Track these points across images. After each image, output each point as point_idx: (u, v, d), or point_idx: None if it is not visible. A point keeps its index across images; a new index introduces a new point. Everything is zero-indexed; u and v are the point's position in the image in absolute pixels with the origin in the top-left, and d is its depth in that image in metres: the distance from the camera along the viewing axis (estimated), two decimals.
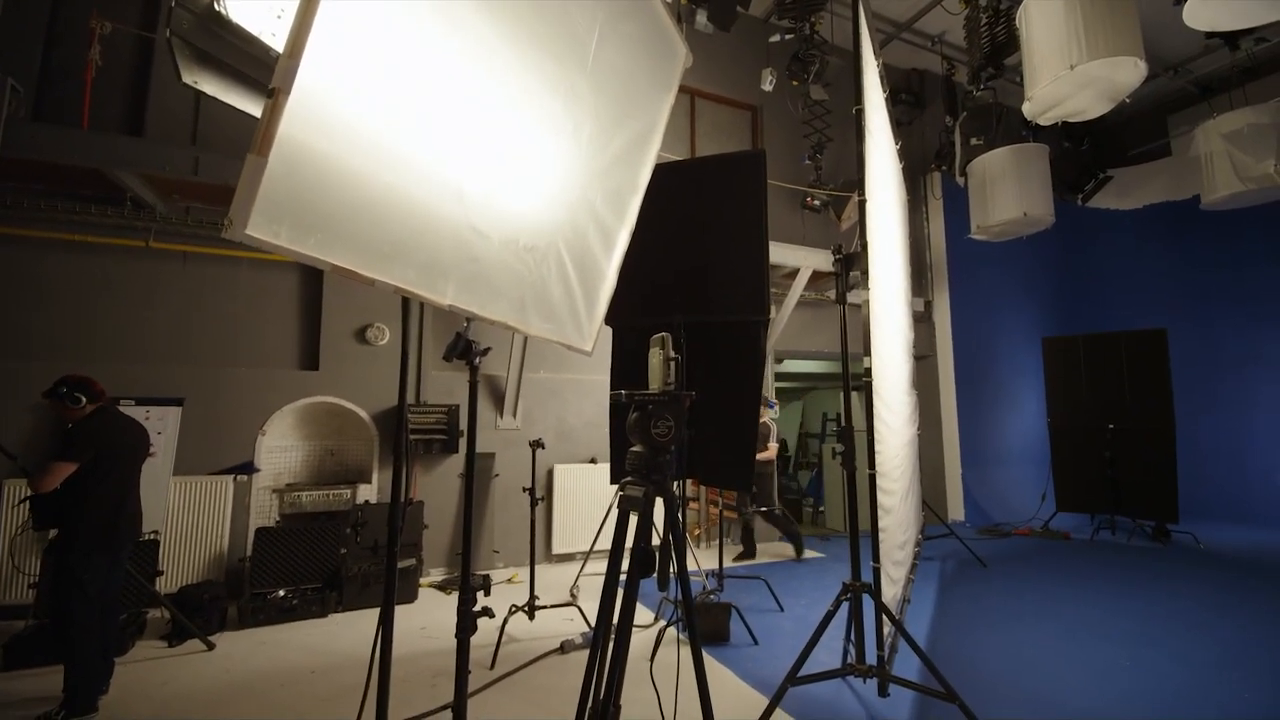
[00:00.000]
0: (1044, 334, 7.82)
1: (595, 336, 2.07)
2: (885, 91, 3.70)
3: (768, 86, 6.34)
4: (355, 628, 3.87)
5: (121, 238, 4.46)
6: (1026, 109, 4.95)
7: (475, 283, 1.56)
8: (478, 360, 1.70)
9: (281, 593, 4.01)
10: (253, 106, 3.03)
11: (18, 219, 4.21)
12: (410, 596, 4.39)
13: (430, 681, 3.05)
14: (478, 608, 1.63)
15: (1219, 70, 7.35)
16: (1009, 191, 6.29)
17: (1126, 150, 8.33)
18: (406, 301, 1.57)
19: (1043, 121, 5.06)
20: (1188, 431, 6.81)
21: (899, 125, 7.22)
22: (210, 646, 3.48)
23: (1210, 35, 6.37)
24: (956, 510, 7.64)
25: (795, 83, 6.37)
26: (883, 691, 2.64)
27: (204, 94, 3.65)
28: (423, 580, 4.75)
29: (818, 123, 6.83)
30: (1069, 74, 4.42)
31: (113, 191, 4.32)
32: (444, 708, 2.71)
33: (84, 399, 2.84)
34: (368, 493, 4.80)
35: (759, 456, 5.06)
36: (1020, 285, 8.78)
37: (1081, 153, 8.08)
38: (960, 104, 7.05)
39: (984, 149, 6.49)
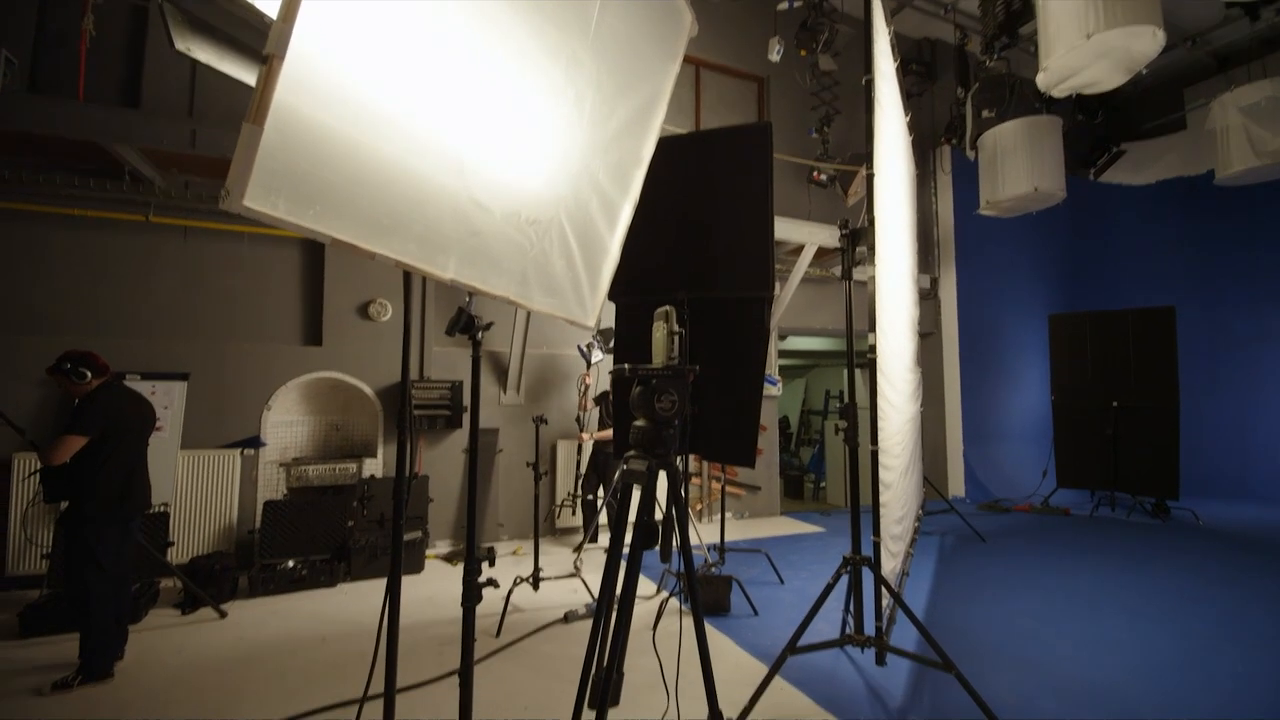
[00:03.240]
0: (1051, 311, 7.76)
1: (598, 311, 2.05)
2: (896, 61, 3.60)
3: (775, 57, 6.18)
4: (363, 597, 3.95)
5: (121, 212, 4.43)
6: (1041, 80, 4.83)
7: (477, 256, 1.54)
8: (480, 335, 1.70)
9: (290, 563, 4.08)
10: (247, 75, 2.97)
11: (16, 193, 4.18)
12: (417, 568, 4.47)
13: (437, 649, 3.11)
14: (482, 579, 1.66)
15: (1238, 41, 7.13)
16: (1020, 165, 6.17)
17: (1140, 124, 8.14)
18: (408, 276, 1.56)
19: (1057, 93, 4.93)
20: (1191, 409, 6.80)
21: (909, 97, 7.07)
22: (222, 614, 3.56)
23: (1230, 4, 6.18)
24: (957, 486, 7.70)
25: (803, 53, 6.22)
26: (880, 661, 2.69)
27: (199, 63, 3.60)
28: (429, 552, 4.82)
29: (826, 94, 6.68)
30: (1085, 43, 4.29)
31: (111, 165, 4.28)
32: (450, 674, 2.79)
33: (89, 374, 2.85)
34: (373, 467, 4.85)
35: (599, 435, 5.10)
36: (1028, 262, 8.68)
37: (1095, 126, 7.89)
38: (972, 75, 6.87)
39: (995, 122, 6.35)
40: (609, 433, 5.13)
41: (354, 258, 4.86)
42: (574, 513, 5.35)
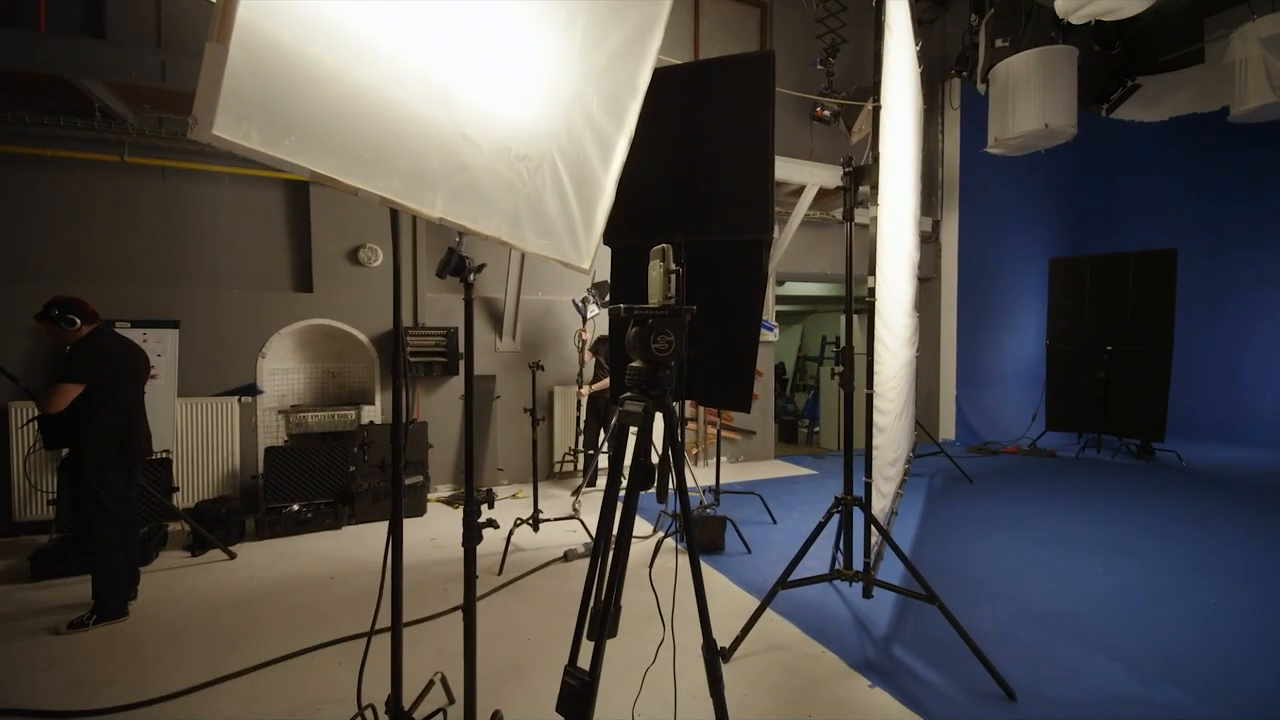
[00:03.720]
0: (1052, 255, 7.66)
1: (593, 254, 2.00)
2: None
3: None
4: (368, 538, 4.06)
5: (95, 152, 4.25)
6: (1059, 6, 4.58)
7: (466, 194, 1.48)
8: (472, 278, 1.65)
9: (296, 507, 4.17)
10: None
11: None
12: (419, 511, 4.57)
13: (442, 586, 3.23)
14: (482, 520, 1.69)
15: None
16: (1032, 100, 5.93)
17: (1157, 56, 7.78)
18: (396, 216, 1.50)
19: (1075, 20, 4.69)
20: (1183, 353, 6.84)
21: (920, 24, 6.71)
22: (231, 555, 3.66)
23: None
24: (948, 429, 7.83)
25: None
26: (867, 594, 2.80)
27: None
28: (430, 496, 4.93)
29: (832, 21, 6.33)
30: None
31: (80, 102, 4.07)
32: (455, 609, 2.90)
33: (78, 320, 2.81)
34: (372, 414, 4.88)
35: (596, 387, 5.16)
36: (1033, 204, 8.49)
37: (1111, 57, 7.55)
38: (987, 0, 6.50)
39: (1009, 52, 6.06)
40: (606, 382, 5.15)
41: (340, 200, 4.74)
42: (575, 467, 5.44)
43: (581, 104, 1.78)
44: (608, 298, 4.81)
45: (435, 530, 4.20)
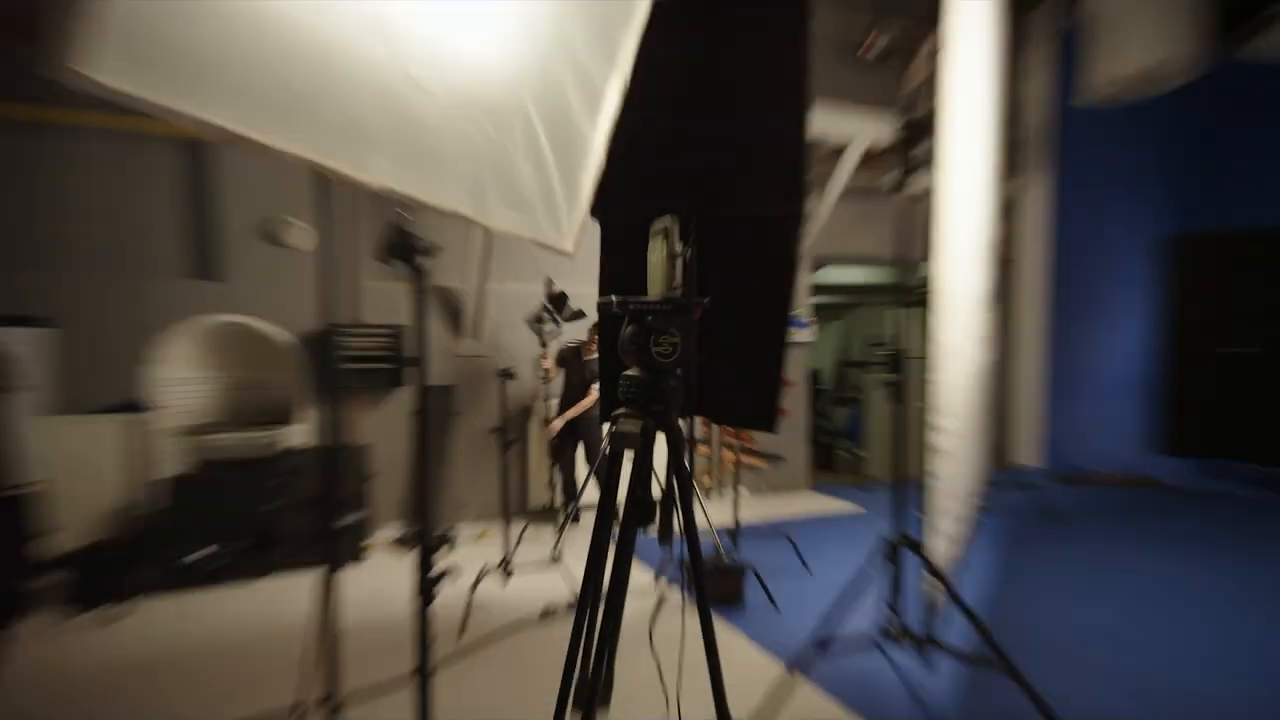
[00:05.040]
0: (1169, 231, 7.66)
1: (577, 232, 2.01)
2: None
3: None
4: (295, 592, 4.06)
5: None
6: None
7: (414, 155, 1.49)
8: (423, 262, 1.67)
9: (203, 553, 4.18)
10: None
11: None
12: (358, 556, 4.58)
13: (388, 653, 3.22)
14: (436, 571, 1.69)
15: None
16: (1144, 30, 5.90)
17: None
18: (327, 186, 1.51)
19: None
20: None
21: None
22: (116, 618, 3.67)
23: None
24: (1032, 454, 7.84)
25: None
26: (925, 660, 2.80)
27: None
28: (372, 540, 4.93)
29: None
30: None
31: None
32: (406, 680, 2.90)
33: None
34: (299, 435, 4.88)
35: (569, 415, 5.16)
36: (1144, 166, 8.48)
37: None
38: None
39: None
40: (587, 401, 5.14)
41: (253, 165, 4.75)
42: (553, 502, 5.41)
43: (561, 37, 1.79)
44: (565, 312, 4.67)
45: (379, 581, 4.20)
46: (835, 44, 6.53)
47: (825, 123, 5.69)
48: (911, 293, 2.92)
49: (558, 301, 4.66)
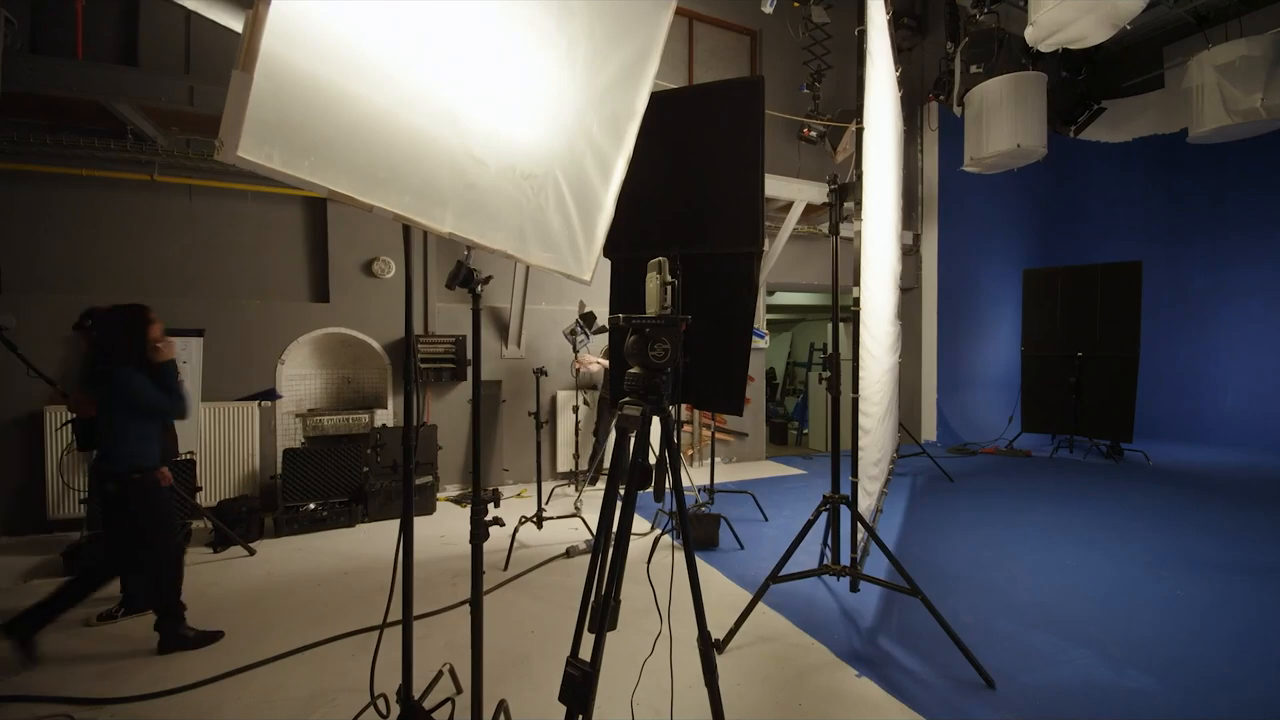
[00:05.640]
0: (1026, 266, 7.70)
1: (594, 266, 2.00)
2: (889, 13, 3.42)
3: (768, 8, 5.85)
4: (381, 536, 4.04)
5: (126, 171, 4.27)
6: (1029, 34, 4.62)
7: (473, 210, 1.48)
8: (479, 289, 1.65)
9: (312, 506, 4.15)
10: (236, 22, 2.79)
11: (24, 154, 4.03)
12: (429, 509, 4.55)
13: (451, 581, 3.21)
14: (489, 517, 1.68)
15: (1218, 0, 6.80)
16: (1005, 122, 5.97)
17: (1121, 81, 7.85)
18: (408, 232, 1.50)
19: (1044, 48, 4.73)
20: (1149, 359, 6.86)
21: (900, 51, 6.76)
22: (251, 552, 3.64)
23: None
24: (930, 431, 7.83)
25: (796, 4, 5.89)
26: (854, 588, 2.79)
27: (193, 17, 3.35)
28: (440, 495, 4.91)
29: (818, 48, 6.38)
30: None
31: (113, 125, 4.10)
32: (462, 603, 2.88)
33: None
34: (384, 417, 4.87)
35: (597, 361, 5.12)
36: (1007, 218, 8.55)
37: (1078, 83, 7.61)
38: (962, 29, 6.56)
39: (983, 77, 6.10)
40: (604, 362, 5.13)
41: (356, 216, 4.75)
42: (575, 466, 5.34)
43: (583, 126, 1.79)
44: (594, 326, 4.72)
45: (444, 528, 4.18)
46: (784, 129, 6.53)
47: (776, 186, 5.68)
48: (843, 311, 2.91)
49: (588, 319, 4.72)
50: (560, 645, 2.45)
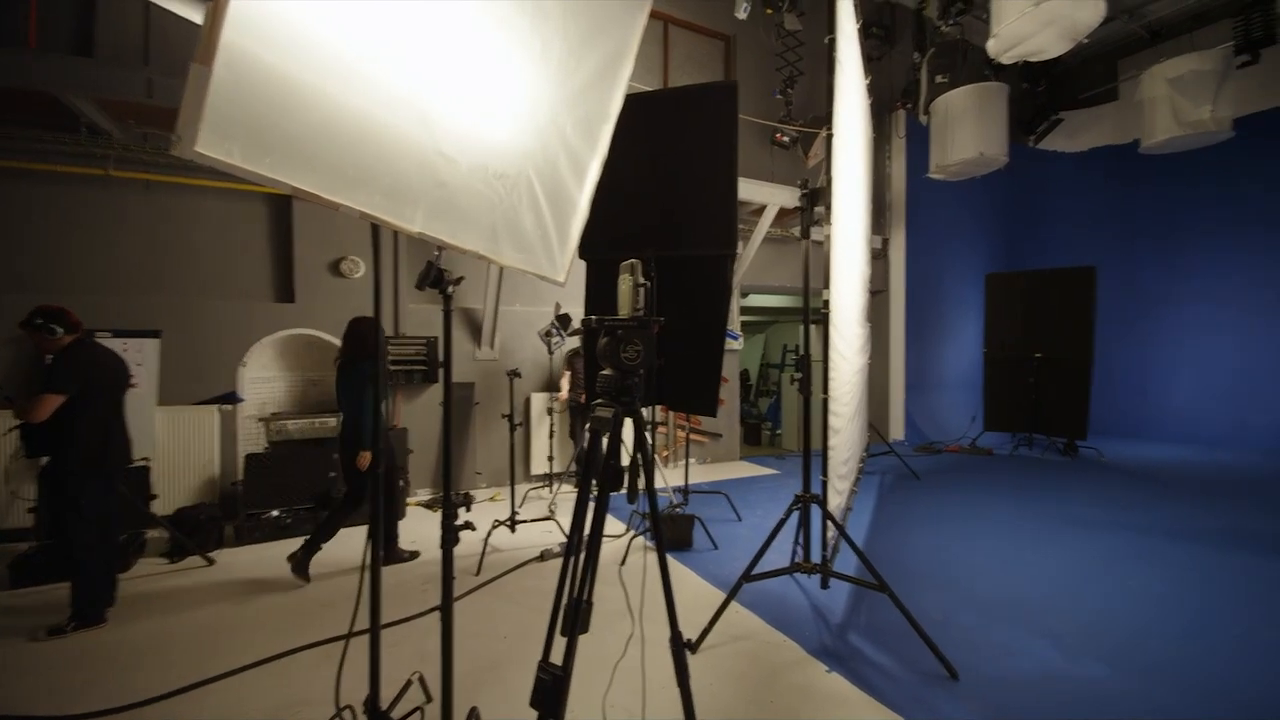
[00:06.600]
0: (989, 270, 7.95)
1: (568, 268, 1.99)
2: (858, 22, 3.50)
3: (742, 14, 5.93)
4: (348, 542, 3.93)
5: (80, 166, 4.08)
6: (991, 46, 4.78)
7: (445, 210, 1.46)
8: (450, 289, 1.63)
9: (275, 513, 4.02)
10: (196, 14, 2.69)
11: None
12: (399, 514, 4.46)
13: (421, 587, 3.15)
14: (460, 522, 1.66)
15: (1170, 15, 7.17)
16: (968, 131, 6.18)
17: (1078, 93, 8.20)
18: (377, 232, 1.47)
19: (1005, 59, 4.90)
20: (1103, 360, 7.17)
21: (869, 60, 6.92)
22: (210, 562, 3.51)
23: None
24: (898, 431, 8.02)
25: (769, 10, 5.98)
26: (824, 585, 2.84)
27: (153, 9, 3.22)
28: (410, 500, 4.82)
29: (790, 55, 6.49)
30: (1034, 10, 4.25)
31: (67, 118, 3.90)
32: (433, 609, 2.83)
33: (60, 330, 2.68)
34: None
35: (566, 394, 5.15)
36: (971, 224, 8.82)
37: (1037, 94, 7.93)
38: (929, 40, 6.76)
39: (948, 87, 6.31)
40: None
41: (323, 214, 4.63)
42: (549, 469, 5.31)
43: (556, 126, 1.78)
44: (570, 328, 4.76)
45: (414, 533, 4.10)
46: (757, 133, 6.62)
47: (750, 190, 5.75)
48: (814, 313, 2.96)
49: (563, 320, 4.72)
50: (534, 650, 2.42)
